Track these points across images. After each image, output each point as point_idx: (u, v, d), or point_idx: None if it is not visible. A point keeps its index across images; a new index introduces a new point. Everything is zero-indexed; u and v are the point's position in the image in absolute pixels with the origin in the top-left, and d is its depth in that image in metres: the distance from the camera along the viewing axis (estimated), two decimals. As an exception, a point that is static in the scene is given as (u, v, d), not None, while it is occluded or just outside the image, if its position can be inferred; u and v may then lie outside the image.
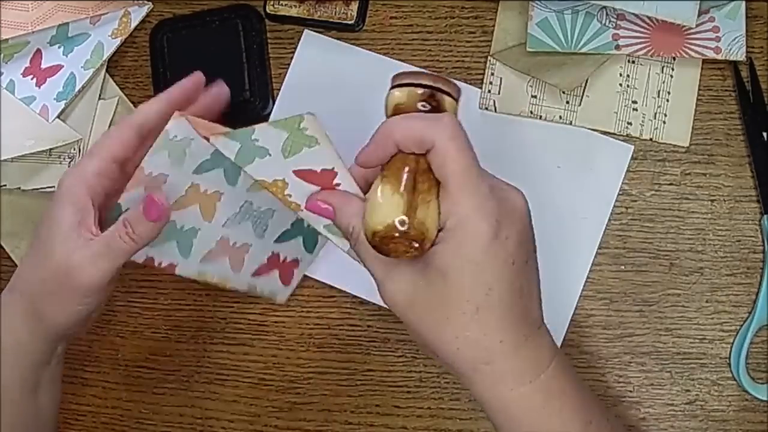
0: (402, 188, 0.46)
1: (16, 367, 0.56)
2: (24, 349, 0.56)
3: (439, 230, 0.46)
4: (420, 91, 0.48)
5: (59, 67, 0.69)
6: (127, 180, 0.55)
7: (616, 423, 0.52)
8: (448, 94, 0.49)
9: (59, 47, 0.69)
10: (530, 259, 0.48)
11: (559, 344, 0.62)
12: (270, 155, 0.50)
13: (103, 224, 0.55)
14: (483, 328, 0.46)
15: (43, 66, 0.69)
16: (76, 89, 0.68)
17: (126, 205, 0.55)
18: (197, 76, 0.58)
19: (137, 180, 0.54)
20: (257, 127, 0.50)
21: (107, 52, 0.68)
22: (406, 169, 0.47)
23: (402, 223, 0.45)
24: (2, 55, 0.69)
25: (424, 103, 0.48)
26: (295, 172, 0.51)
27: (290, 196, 0.52)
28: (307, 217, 0.52)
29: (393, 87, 0.49)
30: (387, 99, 0.49)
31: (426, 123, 0.46)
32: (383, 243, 0.46)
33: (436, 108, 0.48)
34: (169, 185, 0.56)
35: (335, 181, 0.51)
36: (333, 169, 0.51)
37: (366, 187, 0.50)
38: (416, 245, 0.46)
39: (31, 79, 0.69)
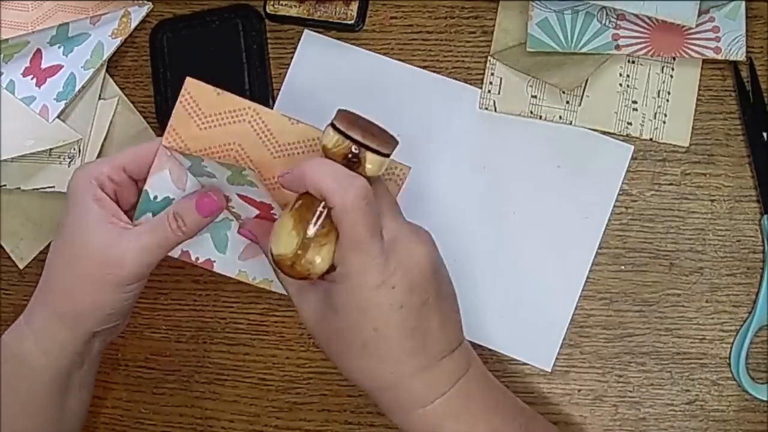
0: (300, 227, 0.50)
1: (46, 370, 0.57)
2: (56, 353, 0.56)
3: (334, 268, 0.51)
4: (346, 143, 0.50)
5: (59, 67, 0.69)
6: (137, 194, 0.57)
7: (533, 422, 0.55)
8: (377, 151, 0.51)
9: (59, 47, 0.69)
10: (428, 301, 0.51)
11: (559, 344, 0.63)
12: (216, 179, 0.56)
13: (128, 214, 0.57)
14: (373, 360, 0.51)
15: (43, 66, 0.69)
16: (76, 89, 0.68)
17: (154, 191, 0.57)
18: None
19: (160, 162, 0.57)
20: (205, 158, 0.55)
21: (107, 52, 0.68)
22: (310, 209, 0.50)
23: (288, 259, 0.50)
24: (2, 55, 0.69)
25: (347, 155, 0.50)
26: (238, 194, 0.56)
27: (233, 208, 0.58)
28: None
29: (331, 123, 0.51)
30: (323, 134, 0.51)
31: (334, 186, 0.49)
32: (278, 267, 0.51)
33: (357, 164, 0.50)
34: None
35: (272, 211, 0.56)
36: (270, 204, 0.56)
37: None
38: (303, 277, 0.51)
39: (31, 79, 0.69)
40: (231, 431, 0.67)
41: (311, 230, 0.50)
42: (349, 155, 0.50)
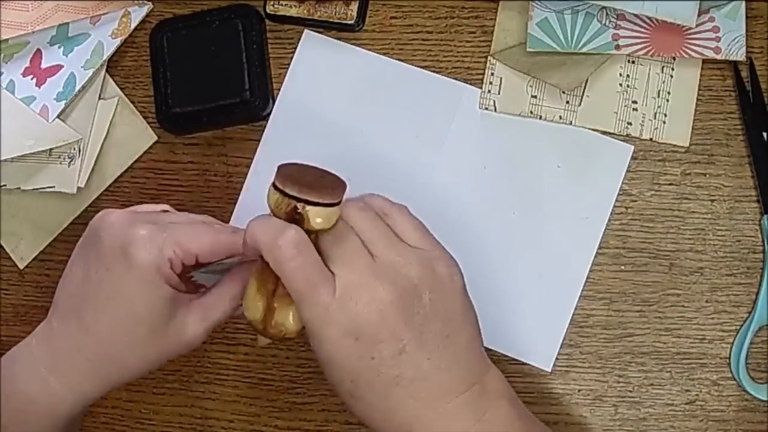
0: (263, 290, 0.50)
1: (65, 416, 0.55)
2: (81, 402, 0.55)
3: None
4: (285, 201, 0.49)
5: (59, 67, 0.69)
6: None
7: None
8: (318, 204, 0.49)
9: (59, 47, 0.69)
10: (405, 348, 0.49)
11: (559, 344, 0.63)
12: None
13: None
14: (363, 409, 0.50)
15: (43, 66, 0.69)
16: (76, 89, 0.68)
17: None
18: None
19: None
20: None
21: (107, 52, 0.68)
22: (270, 273, 0.49)
23: (259, 323, 0.50)
24: (2, 55, 0.69)
25: (291, 213, 0.49)
26: None
27: None
28: None
29: (273, 182, 0.50)
30: (267, 193, 0.50)
31: (265, 239, 0.48)
32: (254, 329, 0.52)
33: (302, 221, 0.49)
34: None
35: None
36: None
37: None
38: (277, 338, 0.51)
39: (31, 79, 0.69)
40: (231, 431, 0.67)
41: (276, 289, 0.50)
42: (293, 213, 0.48)
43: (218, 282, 0.56)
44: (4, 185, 0.68)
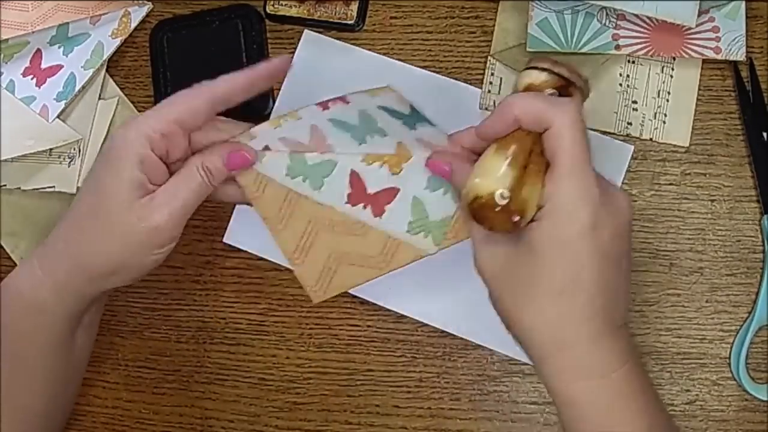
0: (515, 162, 0.47)
1: (61, 318, 0.56)
2: (74, 303, 0.56)
3: (538, 208, 0.47)
4: (554, 78, 0.49)
5: (59, 67, 0.69)
6: (187, 145, 0.54)
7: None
8: (580, 90, 0.50)
9: (59, 47, 0.69)
10: (623, 259, 0.48)
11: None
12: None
13: None
14: (561, 313, 0.47)
15: (42, 66, 0.69)
16: (77, 89, 0.68)
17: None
18: (284, 60, 0.56)
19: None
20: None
21: (107, 52, 0.68)
22: (522, 146, 0.47)
23: (504, 196, 0.46)
24: (2, 55, 0.69)
25: (554, 91, 0.49)
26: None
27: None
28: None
29: (530, 68, 0.50)
30: (521, 76, 0.50)
31: (549, 104, 0.47)
32: (481, 210, 0.47)
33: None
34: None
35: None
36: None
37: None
38: (514, 220, 0.47)
39: (31, 79, 0.69)
40: (231, 431, 0.67)
41: (527, 165, 0.46)
42: (558, 89, 0.49)
43: (180, 168, 0.54)
44: (4, 185, 0.68)
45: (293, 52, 0.67)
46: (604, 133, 0.63)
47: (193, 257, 0.68)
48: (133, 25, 0.69)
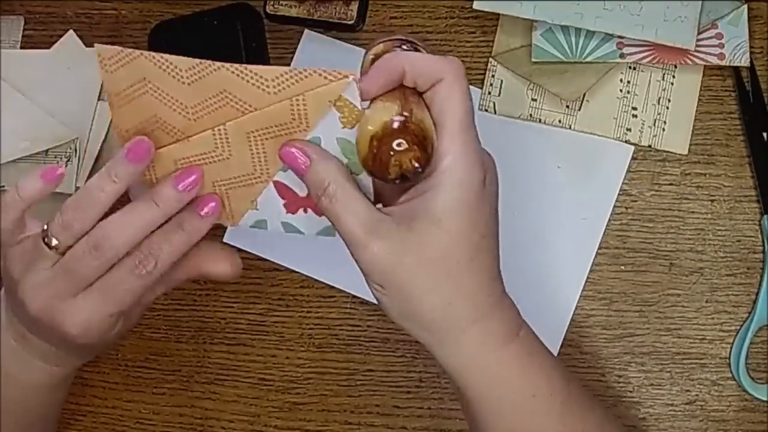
0: (396, 99, 0.44)
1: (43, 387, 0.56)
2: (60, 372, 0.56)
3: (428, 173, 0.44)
4: (399, 43, 0.47)
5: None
6: None
7: (578, 388, 0.51)
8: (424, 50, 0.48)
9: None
10: (497, 220, 0.47)
11: (559, 344, 0.63)
12: None
13: None
14: (477, 280, 0.45)
15: None
16: None
17: None
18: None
19: None
20: None
21: None
22: (402, 94, 0.45)
23: (399, 115, 0.43)
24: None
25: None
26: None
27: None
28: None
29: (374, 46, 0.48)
30: (365, 57, 0.47)
31: (436, 58, 0.45)
32: (382, 150, 0.43)
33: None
34: None
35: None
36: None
37: None
38: (418, 149, 0.43)
39: None
40: (231, 431, 0.67)
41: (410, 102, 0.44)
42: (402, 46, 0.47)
43: None
44: (3, 186, 0.68)
45: (293, 52, 0.67)
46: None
47: (193, 257, 0.68)
48: None
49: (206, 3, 0.69)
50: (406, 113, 0.43)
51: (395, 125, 0.43)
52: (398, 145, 0.43)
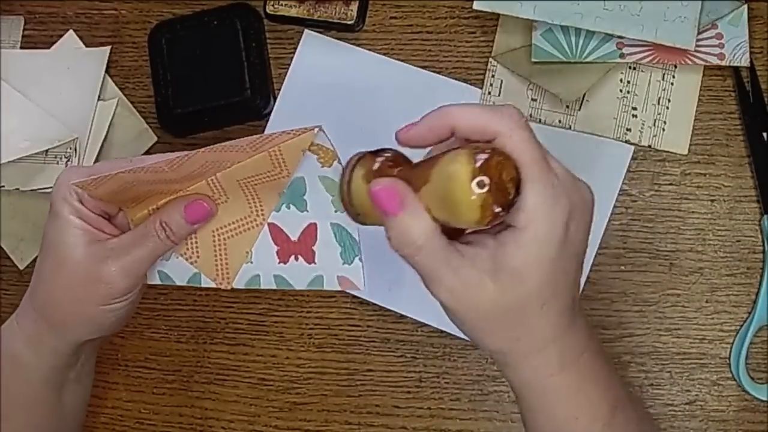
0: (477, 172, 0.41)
1: (38, 370, 0.56)
2: (47, 355, 0.56)
3: (508, 226, 0.44)
4: (381, 157, 0.46)
5: None
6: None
7: (637, 402, 0.53)
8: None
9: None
10: (586, 248, 0.46)
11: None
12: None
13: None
14: (545, 321, 0.45)
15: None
16: None
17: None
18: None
19: None
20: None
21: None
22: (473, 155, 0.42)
23: (480, 181, 0.41)
24: None
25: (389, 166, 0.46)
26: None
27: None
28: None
29: (351, 169, 0.47)
30: (351, 179, 0.46)
31: (490, 110, 0.43)
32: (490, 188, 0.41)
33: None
34: None
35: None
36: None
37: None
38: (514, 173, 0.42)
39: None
40: (231, 431, 0.67)
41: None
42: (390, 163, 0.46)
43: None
44: (3, 186, 0.68)
45: (293, 52, 0.67)
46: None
47: (193, 257, 0.68)
48: None
49: (206, 3, 0.69)
50: (486, 151, 0.42)
51: (479, 163, 0.41)
52: (485, 203, 0.41)
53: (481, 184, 0.41)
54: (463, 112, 0.44)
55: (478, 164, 0.41)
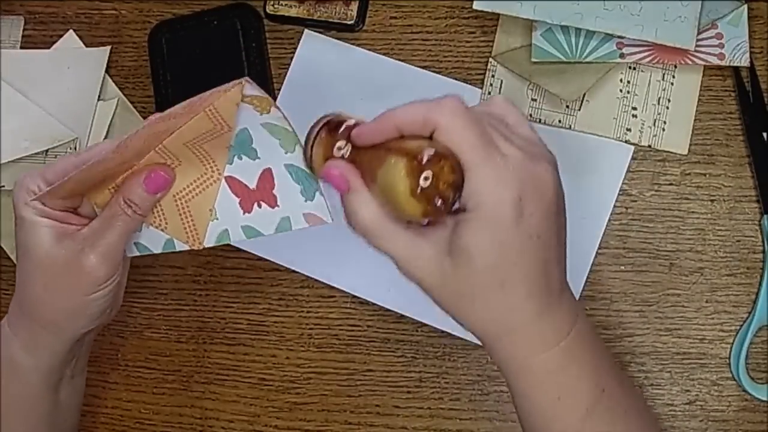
0: (414, 168, 0.44)
1: (35, 371, 0.56)
2: (45, 356, 0.56)
3: (461, 209, 0.45)
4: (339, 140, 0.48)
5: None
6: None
7: (630, 389, 0.52)
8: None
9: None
10: (558, 228, 0.47)
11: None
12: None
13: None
14: (508, 302, 0.46)
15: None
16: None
17: None
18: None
19: None
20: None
21: None
22: (414, 150, 0.44)
23: (420, 188, 0.44)
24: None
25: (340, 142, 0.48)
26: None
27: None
28: None
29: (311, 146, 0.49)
30: (312, 155, 0.49)
31: (428, 104, 0.45)
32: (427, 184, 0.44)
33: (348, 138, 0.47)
34: None
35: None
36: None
37: None
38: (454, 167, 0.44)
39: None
40: (231, 431, 0.67)
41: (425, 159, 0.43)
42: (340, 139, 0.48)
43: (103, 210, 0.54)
44: (3, 186, 0.68)
45: (293, 52, 0.67)
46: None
47: (192, 257, 0.68)
48: None
49: (206, 3, 0.69)
50: (436, 180, 0.44)
51: (425, 158, 0.43)
52: (431, 187, 0.44)
53: (419, 191, 0.44)
54: (404, 111, 0.46)
55: (416, 172, 0.43)
